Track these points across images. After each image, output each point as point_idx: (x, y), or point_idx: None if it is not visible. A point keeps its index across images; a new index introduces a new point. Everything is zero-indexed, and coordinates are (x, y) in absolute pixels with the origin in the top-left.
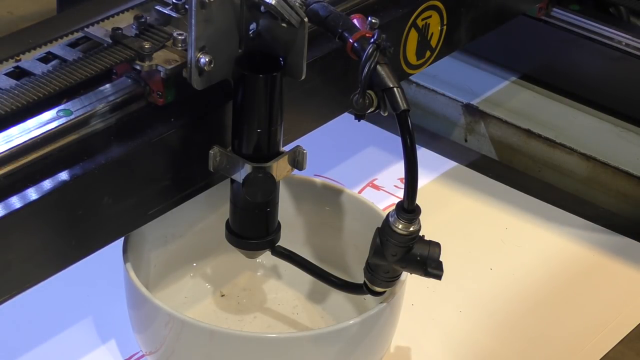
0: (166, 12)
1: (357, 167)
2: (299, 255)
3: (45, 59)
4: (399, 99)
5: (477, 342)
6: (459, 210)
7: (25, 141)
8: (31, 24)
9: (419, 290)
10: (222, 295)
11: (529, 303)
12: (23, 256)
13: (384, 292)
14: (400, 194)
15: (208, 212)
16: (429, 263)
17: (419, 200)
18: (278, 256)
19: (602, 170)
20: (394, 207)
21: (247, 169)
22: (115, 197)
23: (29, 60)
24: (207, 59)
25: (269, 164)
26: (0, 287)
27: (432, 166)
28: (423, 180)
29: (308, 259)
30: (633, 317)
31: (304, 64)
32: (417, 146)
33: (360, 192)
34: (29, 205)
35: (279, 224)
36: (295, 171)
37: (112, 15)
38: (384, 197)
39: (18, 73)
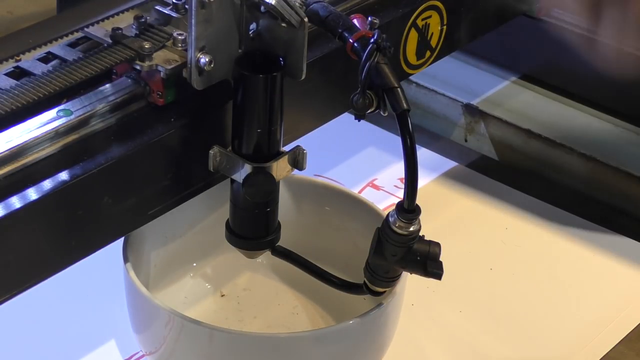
0: (166, 12)
1: (357, 167)
2: (299, 255)
3: (45, 59)
4: (399, 99)
5: (477, 342)
6: (459, 210)
7: (25, 141)
8: (31, 24)
9: (419, 290)
10: (222, 295)
11: (529, 303)
12: (23, 256)
13: (384, 292)
14: (400, 194)
15: (208, 212)
16: (429, 263)
17: (419, 200)
18: (278, 256)
19: (602, 170)
20: (394, 207)
21: (247, 169)
22: (115, 197)
23: (29, 60)
24: (207, 59)
25: (269, 164)
26: (0, 287)
27: (432, 166)
28: (423, 180)
29: (308, 259)
30: (633, 317)
31: (304, 64)
32: (417, 146)
33: (360, 192)
34: (29, 205)
35: (279, 224)
36: (295, 171)
37: (112, 15)
38: (384, 197)
39: (18, 73)
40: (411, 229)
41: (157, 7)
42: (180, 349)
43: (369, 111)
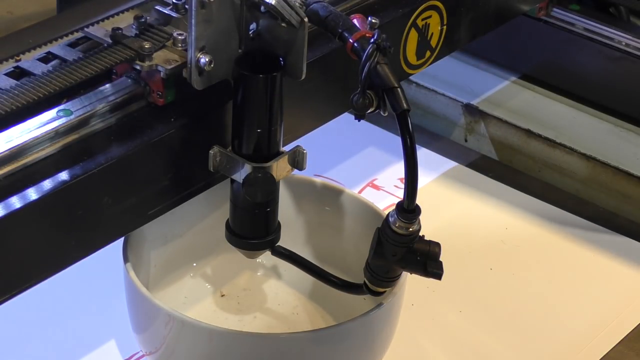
0: (166, 12)
1: (357, 167)
2: (299, 255)
3: (45, 59)
4: (399, 99)
5: (477, 342)
6: (459, 210)
7: (25, 141)
8: (31, 24)
9: (419, 290)
10: (222, 295)
11: (529, 303)
12: (23, 256)
13: (384, 292)
14: (400, 194)
15: (208, 212)
16: (429, 263)
17: (419, 200)
18: (278, 256)
19: (602, 170)
20: (394, 207)
21: (247, 169)
22: (115, 197)
23: (29, 60)
24: (207, 59)
25: (269, 164)
26: (0, 287)
27: (432, 166)
28: (423, 180)
29: (308, 259)
30: (633, 317)
31: (304, 64)
32: (417, 146)
33: (360, 192)
34: (29, 205)
35: (279, 224)
36: (295, 171)
37: (112, 15)
38: (384, 197)
39: (18, 73)
40: (411, 229)
41: (157, 7)
42: (180, 349)
43: (369, 111)
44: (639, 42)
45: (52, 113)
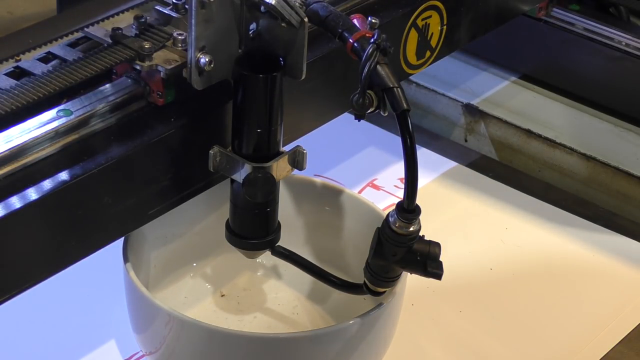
0: (166, 12)
1: (357, 167)
2: (299, 255)
3: (45, 59)
4: (399, 99)
5: (477, 342)
6: (459, 210)
7: (25, 141)
8: (31, 24)
9: (419, 290)
10: (222, 295)
11: (529, 303)
12: (23, 256)
13: (384, 292)
14: (400, 194)
15: (208, 212)
16: (429, 263)
17: (419, 200)
18: (278, 256)
19: (602, 170)
20: (394, 207)
21: (247, 169)
22: (115, 197)
23: (29, 60)
24: (207, 59)
25: (269, 164)
26: (0, 287)
27: (432, 166)
28: (423, 180)
29: (308, 259)
30: (633, 317)
31: (304, 64)
32: (417, 146)
33: (360, 192)
34: (29, 205)
35: (279, 224)
36: (295, 171)
37: (112, 15)
38: (384, 197)
39: (18, 73)
40: (411, 229)
41: (157, 7)
42: (180, 349)
43: (369, 111)
44: (639, 42)
45: (52, 113)
